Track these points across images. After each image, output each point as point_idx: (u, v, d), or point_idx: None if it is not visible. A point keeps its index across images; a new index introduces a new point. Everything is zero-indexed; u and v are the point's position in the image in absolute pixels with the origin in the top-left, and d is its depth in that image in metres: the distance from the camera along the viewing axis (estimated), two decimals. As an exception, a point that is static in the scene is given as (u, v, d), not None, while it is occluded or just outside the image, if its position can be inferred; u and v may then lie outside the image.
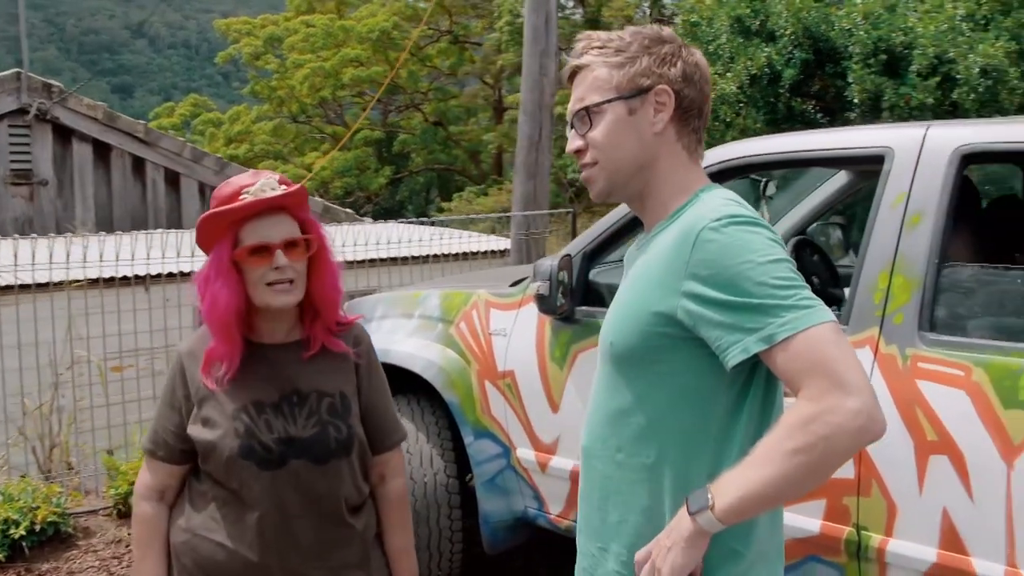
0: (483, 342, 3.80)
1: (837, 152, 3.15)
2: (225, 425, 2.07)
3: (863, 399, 1.39)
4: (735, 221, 1.54)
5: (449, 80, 33.34)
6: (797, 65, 9.38)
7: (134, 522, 2.20)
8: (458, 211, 23.99)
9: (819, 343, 1.42)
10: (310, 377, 2.14)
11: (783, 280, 1.48)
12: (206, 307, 2.07)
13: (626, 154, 1.68)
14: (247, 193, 2.05)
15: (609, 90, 1.66)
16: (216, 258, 2.06)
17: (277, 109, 32.83)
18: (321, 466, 2.09)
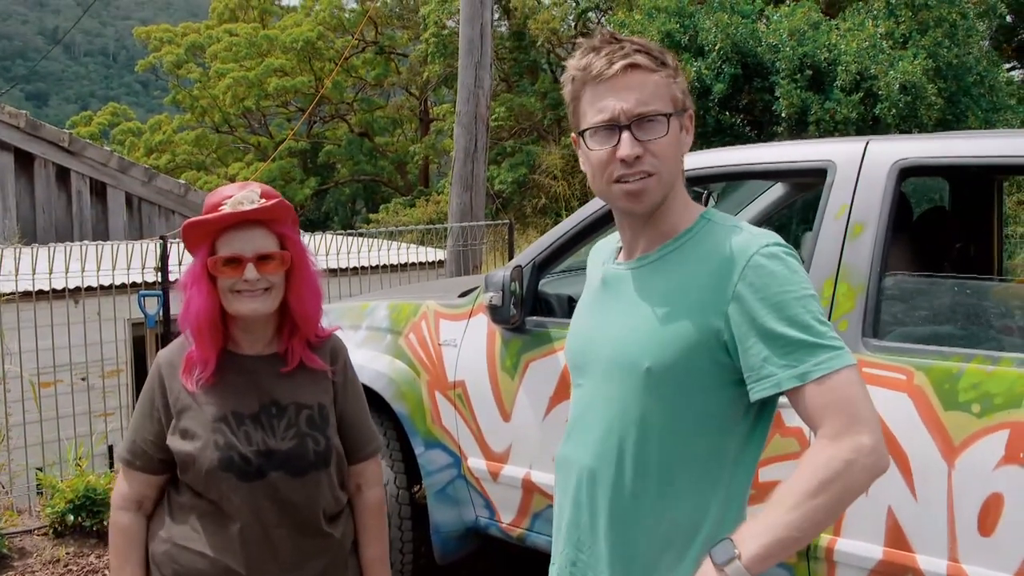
0: (433, 353, 3.82)
1: (780, 165, 3.25)
2: (204, 437, 2.08)
3: (877, 436, 1.47)
4: (783, 249, 1.59)
5: (375, 91, 33.21)
6: (726, 80, 9.61)
7: (112, 532, 2.19)
8: (385, 222, 23.88)
9: (847, 384, 1.50)
10: (289, 389, 2.16)
11: (818, 317, 1.53)
12: (182, 312, 2.10)
13: (676, 170, 1.68)
14: (226, 204, 2.06)
15: (669, 102, 1.64)
16: (195, 267, 2.10)
17: (199, 119, 32.33)
18: (299, 478, 2.11)
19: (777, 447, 2.82)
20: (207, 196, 2.15)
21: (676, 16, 10.24)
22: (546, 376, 3.39)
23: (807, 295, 1.54)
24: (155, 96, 57.62)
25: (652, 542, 1.66)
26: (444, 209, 24.09)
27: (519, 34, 26.74)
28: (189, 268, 2.12)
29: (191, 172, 29.62)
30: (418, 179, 32.39)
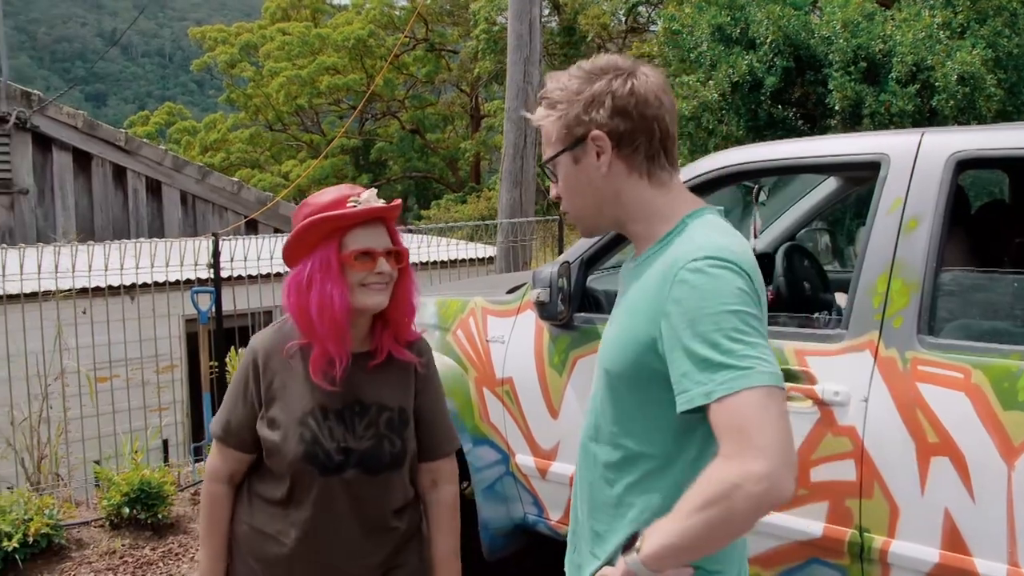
0: (480, 349, 3.82)
1: (832, 159, 3.20)
2: (291, 428, 2.17)
3: (771, 465, 1.41)
4: (711, 261, 1.54)
5: (426, 88, 33.33)
6: (778, 73, 9.49)
7: (204, 498, 2.31)
8: (437, 219, 23.96)
9: (745, 406, 1.44)
10: (374, 389, 2.24)
11: (735, 334, 1.49)
12: (315, 308, 2.11)
13: (586, 200, 1.73)
14: (355, 202, 2.15)
15: (554, 144, 1.72)
16: (323, 260, 2.13)
17: (253, 117, 32.70)
18: (374, 477, 2.21)
19: (829, 446, 2.78)
20: (312, 198, 2.21)
21: (727, 9, 10.13)
22: (594, 374, 3.36)
23: (723, 311, 1.50)
24: (210, 95, 58.45)
25: (618, 526, 1.72)
26: (495, 205, 24.12)
27: (569, 29, 26.68)
28: (312, 266, 2.14)
29: (245, 170, 29.98)
30: (469, 175, 32.48)
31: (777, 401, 1.46)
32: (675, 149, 1.73)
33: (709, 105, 9.81)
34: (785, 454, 1.43)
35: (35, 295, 6.11)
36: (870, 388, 2.73)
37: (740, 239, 1.64)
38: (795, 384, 2.87)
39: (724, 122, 9.92)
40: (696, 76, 10.33)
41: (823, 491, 2.80)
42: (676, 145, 1.74)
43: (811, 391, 2.83)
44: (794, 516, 2.86)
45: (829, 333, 2.93)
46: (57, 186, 11.62)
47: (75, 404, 5.84)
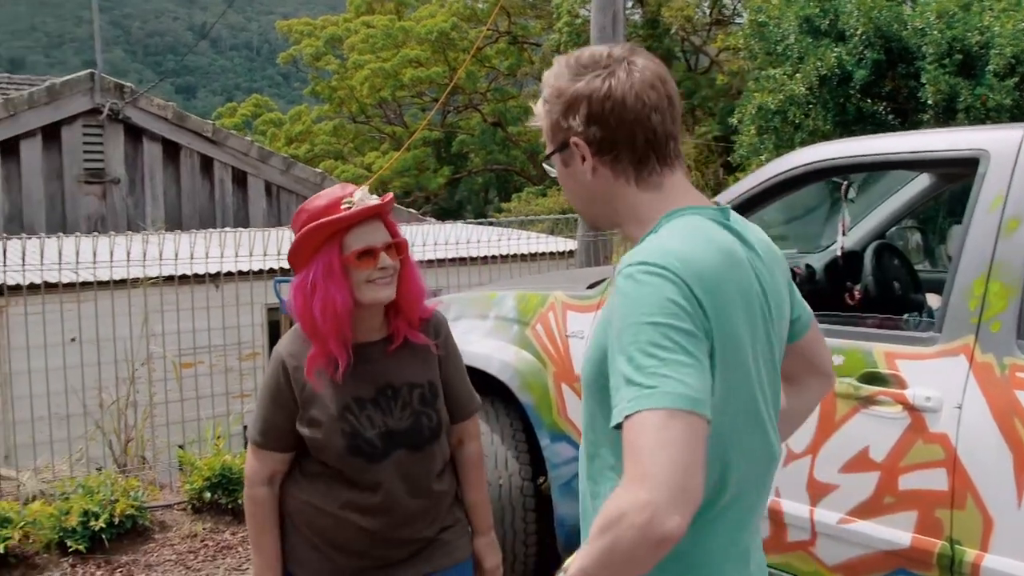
0: (560, 344, 3.78)
1: (926, 154, 3.08)
2: (331, 425, 2.26)
3: (654, 495, 1.28)
4: (643, 267, 1.42)
5: (508, 81, 33.35)
6: (868, 66, 9.24)
7: (247, 503, 2.38)
8: (517, 212, 23.98)
9: (640, 429, 1.33)
10: (400, 370, 2.34)
11: (651, 348, 1.36)
12: (319, 310, 2.20)
13: (580, 200, 1.67)
14: (349, 203, 2.23)
15: (548, 142, 1.65)
16: (325, 264, 2.22)
17: (337, 109, 33.09)
18: (419, 452, 2.33)
19: (919, 454, 2.68)
20: (308, 203, 2.29)
21: (815, 0, 9.90)
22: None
23: (643, 322, 1.38)
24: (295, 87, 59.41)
25: None
26: (575, 199, 23.94)
27: (653, 21, 26.44)
28: (314, 270, 2.23)
29: (329, 161, 30.36)
30: (550, 169, 32.38)
31: (679, 425, 1.31)
32: (670, 147, 1.59)
33: (796, 99, 9.61)
34: (673, 485, 1.29)
35: (124, 282, 6.26)
36: (964, 394, 2.62)
37: (705, 243, 1.48)
38: (884, 388, 2.78)
39: (811, 116, 9.71)
40: (783, 69, 10.13)
41: (912, 500, 2.71)
42: (674, 143, 1.60)
43: (901, 396, 2.73)
44: (881, 525, 2.77)
45: (921, 336, 2.83)
46: (147, 176, 11.91)
47: (160, 389, 5.97)
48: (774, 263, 1.64)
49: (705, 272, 1.43)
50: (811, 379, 1.85)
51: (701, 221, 1.54)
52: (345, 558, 2.34)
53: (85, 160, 11.53)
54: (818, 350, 1.84)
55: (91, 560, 4.54)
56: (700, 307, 1.40)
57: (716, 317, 1.42)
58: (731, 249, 1.51)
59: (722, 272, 1.46)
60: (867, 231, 4.43)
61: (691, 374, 1.35)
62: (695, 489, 1.31)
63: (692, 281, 1.41)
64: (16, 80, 15.24)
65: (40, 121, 11.08)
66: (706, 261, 1.45)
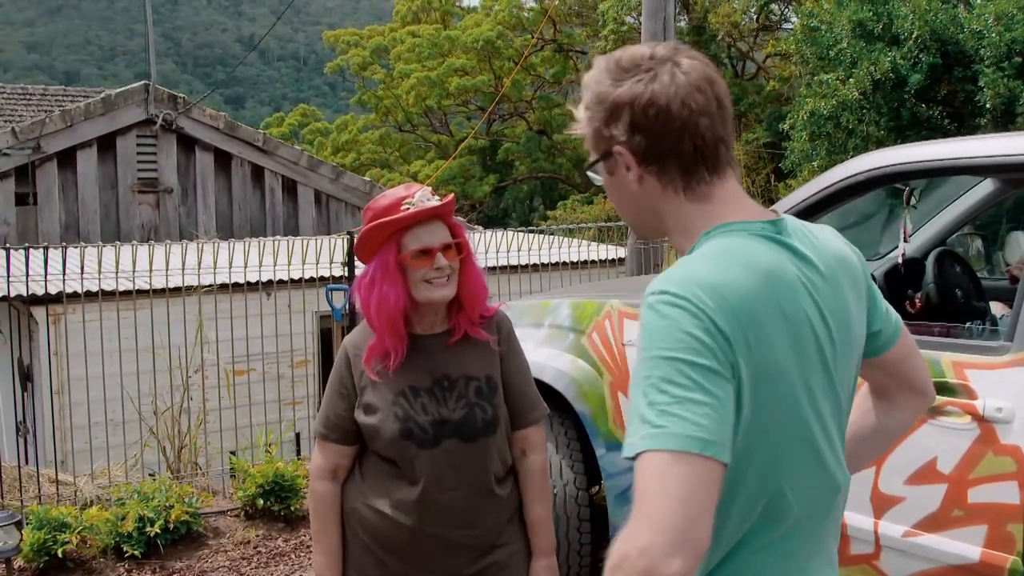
0: (616, 353, 3.75)
1: (992, 160, 3.00)
2: (385, 410, 2.32)
3: (656, 540, 1.23)
4: (664, 297, 1.35)
5: (553, 88, 33.35)
6: (924, 69, 9.10)
7: (311, 498, 2.45)
8: (563, 219, 23.96)
9: (645, 470, 1.27)
10: (458, 363, 2.38)
11: (664, 384, 1.29)
12: (375, 306, 2.29)
13: (627, 209, 1.58)
14: (409, 204, 2.30)
15: (591, 150, 1.55)
16: (382, 262, 2.30)
17: (383, 118, 33.32)
18: (470, 443, 2.34)
19: (989, 466, 2.61)
20: (373, 203, 2.37)
21: (869, 3, 9.76)
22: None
23: (659, 356, 1.31)
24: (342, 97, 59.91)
25: None
26: (621, 206, 23.82)
27: (699, 28, 26.28)
28: (374, 267, 2.33)
29: (375, 170, 30.58)
30: (595, 176, 32.31)
31: (684, 469, 1.25)
32: (721, 152, 1.48)
33: (849, 104, 9.48)
34: (673, 530, 1.24)
35: (178, 290, 6.33)
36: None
37: (739, 268, 1.39)
38: (953, 398, 2.71)
39: (864, 122, 9.58)
40: (835, 74, 10.00)
41: (981, 513, 2.64)
42: (725, 148, 1.50)
43: (971, 407, 2.67)
44: (948, 538, 2.70)
45: (991, 345, 2.76)
46: (199, 185, 12.05)
47: (213, 396, 6.02)
48: (842, 275, 1.53)
49: (736, 301, 1.34)
50: (904, 396, 1.74)
51: (743, 241, 1.44)
52: (398, 563, 2.36)
53: (139, 170, 11.72)
54: (911, 366, 1.72)
55: (146, 566, 4.58)
56: (726, 340, 1.32)
57: (750, 348, 1.33)
58: (775, 271, 1.42)
59: (760, 299, 1.37)
60: (928, 238, 4.34)
61: (706, 414, 1.27)
62: (699, 537, 1.25)
63: (716, 313, 1.32)
64: (71, 92, 15.56)
65: (96, 132, 11.28)
66: (739, 289, 1.35)
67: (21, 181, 10.98)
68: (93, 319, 5.72)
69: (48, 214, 11.10)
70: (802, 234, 1.51)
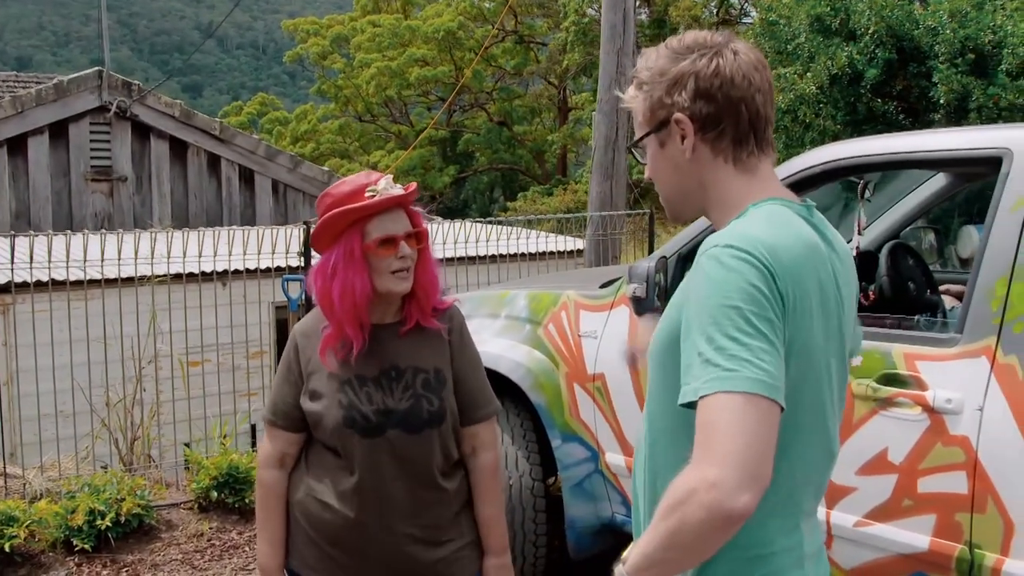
0: (572, 344, 3.74)
1: (945, 153, 3.04)
2: (330, 397, 2.30)
3: (725, 473, 1.31)
4: (730, 251, 1.44)
5: (514, 80, 33.34)
6: (879, 65, 9.19)
7: (258, 486, 2.44)
8: (523, 211, 23.98)
9: (716, 410, 1.35)
10: (408, 354, 2.35)
11: (733, 331, 1.38)
12: (337, 295, 2.23)
13: (671, 185, 1.66)
14: (373, 191, 2.26)
15: (641, 126, 1.66)
16: (346, 250, 2.25)
17: (343, 108, 33.16)
18: (415, 435, 2.30)
19: (938, 457, 2.64)
20: (333, 188, 2.32)
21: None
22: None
23: (725, 305, 1.39)
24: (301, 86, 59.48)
25: None
26: (582, 198, 24.05)
27: (659, 21, 26.42)
28: (336, 255, 2.27)
29: (335, 160, 30.39)
30: (556, 168, 32.40)
31: (756, 410, 1.34)
32: (767, 131, 1.62)
33: (806, 98, 9.56)
34: (745, 466, 1.31)
35: (131, 280, 6.22)
36: (986, 396, 2.58)
37: (791, 235, 1.49)
38: (903, 390, 2.74)
39: (821, 116, 9.67)
40: (793, 68, 10.07)
41: (930, 503, 2.67)
42: (769, 127, 1.62)
43: (921, 397, 2.69)
44: (898, 528, 2.73)
45: (941, 337, 2.79)
46: (154, 173, 11.87)
47: (167, 387, 5.94)
48: (850, 270, 1.64)
49: (788, 263, 1.44)
50: None
51: (787, 212, 1.55)
52: (343, 556, 2.33)
53: (92, 158, 11.51)
54: None
55: (97, 559, 4.51)
56: (780, 298, 1.42)
57: (793, 310, 1.43)
58: (815, 243, 1.53)
59: (804, 265, 1.47)
60: (881, 231, 4.38)
61: (771, 361, 1.37)
62: (766, 475, 1.33)
63: (776, 270, 1.42)
64: (23, 78, 15.24)
65: (48, 118, 11.06)
66: (790, 252, 1.46)
67: (-31, 168, 10.76)
68: (43, 309, 5.61)
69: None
70: (824, 223, 1.63)
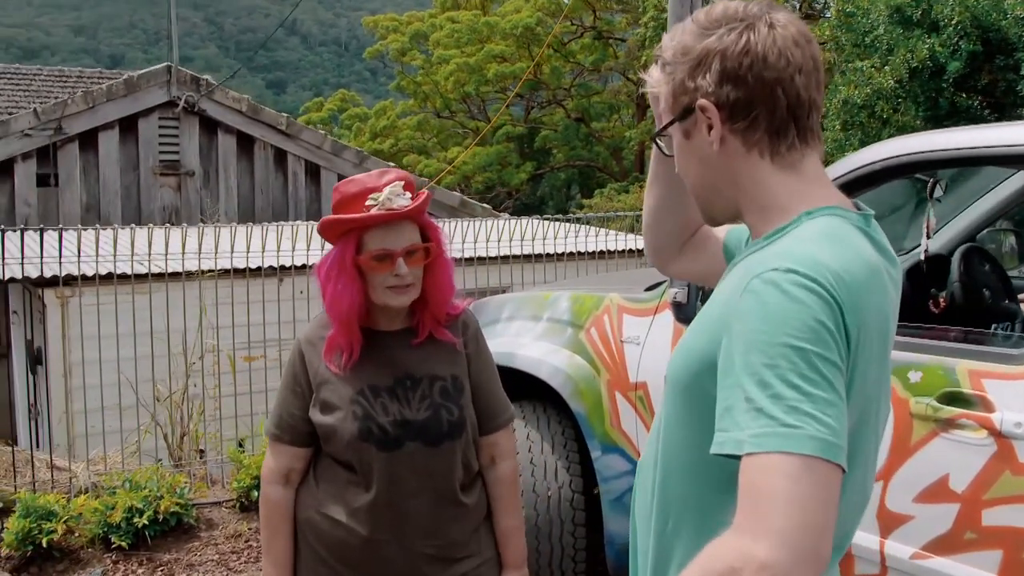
0: (614, 350, 3.54)
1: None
2: (344, 409, 2.16)
3: (779, 555, 1.08)
4: (793, 277, 1.21)
5: (592, 76, 33.12)
6: (963, 57, 8.77)
7: (262, 504, 2.30)
8: (599, 208, 23.78)
9: (770, 472, 1.12)
10: (422, 362, 2.22)
11: (794, 377, 1.16)
12: (328, 301, 2.14)
13: (700, 182, 1.43)
14: (373, 200, 2.09)
15: (664, 113, 1.43)
16: (339, 259, 2.13)
17: (422, 104, 33.31)
18: (435, 447, 2.17)
19: (1007, 486, 2.38)
20: (344, 184, 2.17)
21: (909, -11, 9.44)
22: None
23: (786, 344, 1.16)
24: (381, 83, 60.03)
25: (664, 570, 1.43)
26: (657, 196, 23.67)
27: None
28: (332, 260, 2.15)
29: (412, 155, 30.55)
30: (633, 165, 32.07)
31: (818, 476, 1.12)
32: (812, 120, 1.36)
33: (884, 92, 9.17)
34: (802, 546, 1.09)
35: (191, 274, 6.21)
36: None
37: (855, 258, 1.28)
38: (967, 410, 2.48)
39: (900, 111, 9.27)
40: (871, 61, 9.68)
41: (997, 537, 2.41)
42: (816, 114, 1.36)
43: (987, 420, 2.43)
44: (960, 563, 2.48)
45: (1012, 353, 2.52)
46: (221, 168, 11.94)
47: (220, 382, 5.88)
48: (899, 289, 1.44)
49: (855, 294, 1.24)
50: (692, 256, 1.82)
51: (847, 227, 1.32)
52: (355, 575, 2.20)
53: (161, 152, 11.63)
54: None
55: (133, 557, 4.46)
56: (846, 336, 1.21)
57: (856, 349, 1.23)
58: (877, 267, 1.31)
59: (869, 295, 1.27)
60: (955, 234, 4.09)
61: (836, 415, 1.15)
62: (825, 555, 1.11)
63: (844, 304, 1.21)
64: (107, 75, 15.54)
65: (118, 113, 11.19)
66: (856, 280, 1.25)
67: (43, 162, 10.93)
68: (104, 302, 5.60)
69: (69, 195, 11.04)
70: (881, 233, 1.42)
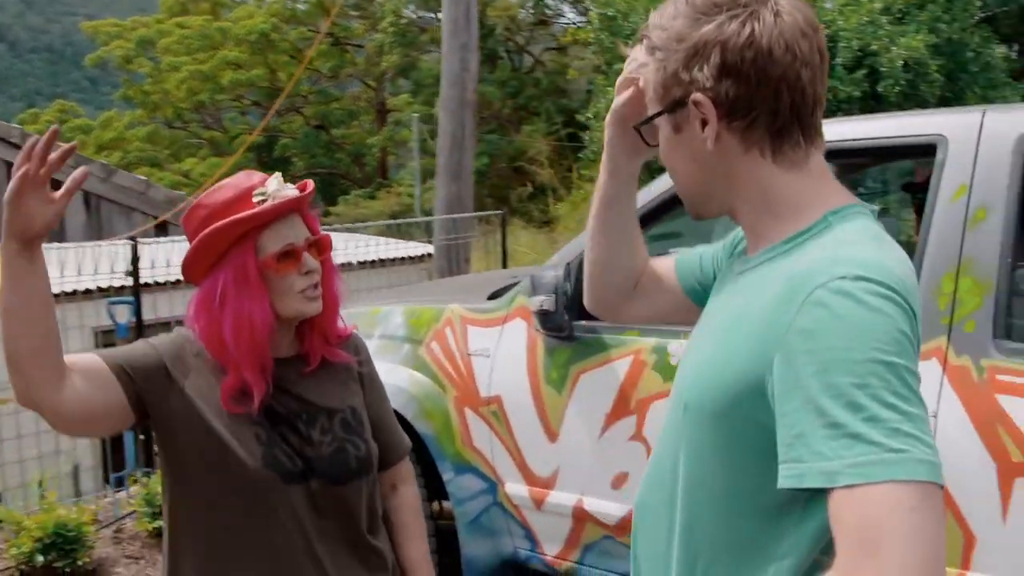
0: (461, 364, 3.37)
1: (879, 142, 2.83)
2: (243, 434, 1.82)
3: None
4: (869, 286, 1.09)
5: (330, 83, 32.73)
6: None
7: None
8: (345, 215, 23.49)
9: (883, 507, 1.00)
10: (317, 392, 1.93)
11: (890, 396, 1.03)
12: (230, 330, 1.78)
13: (689, 177, 1.31)
14: (261, 195, 1.81)
15: (651, 101, 1.30)
16: (238, 271, 1.80)
17: (151, 114, 31.80)
18: (341, 487, 1.89)
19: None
20: (206, 198, 1.83)
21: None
22: (600, 390, 2.98)
23: (876, 360, 1.04)
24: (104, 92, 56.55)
25: None
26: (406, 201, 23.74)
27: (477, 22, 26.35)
28: (221, 282, 1.80)
29: (144, 168, 28.93)
30: (376, 171, 31.99)
31: (932, 503, 1.00)
32: (816, 116, 1.24)
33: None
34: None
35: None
36: (939, 402, 2.39)
37: (903, 259, 1.19)
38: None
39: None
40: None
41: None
42: (819, 110, 1.25)
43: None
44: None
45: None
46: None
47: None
48: None
49: (916, 300, 1.15)
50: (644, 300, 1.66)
51: (880, 228, 1.21)
52: None
53: None
54: None
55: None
56: (918, 346, 1.13)
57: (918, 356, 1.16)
58: (912, 270, 1.21)
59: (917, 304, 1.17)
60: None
61: (930, 432, 1.05)
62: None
63: (916, 310, 1.11)
64: None
65: None
66: (914, 285, 1.17)
67: None
68: None
69: None
70: None
